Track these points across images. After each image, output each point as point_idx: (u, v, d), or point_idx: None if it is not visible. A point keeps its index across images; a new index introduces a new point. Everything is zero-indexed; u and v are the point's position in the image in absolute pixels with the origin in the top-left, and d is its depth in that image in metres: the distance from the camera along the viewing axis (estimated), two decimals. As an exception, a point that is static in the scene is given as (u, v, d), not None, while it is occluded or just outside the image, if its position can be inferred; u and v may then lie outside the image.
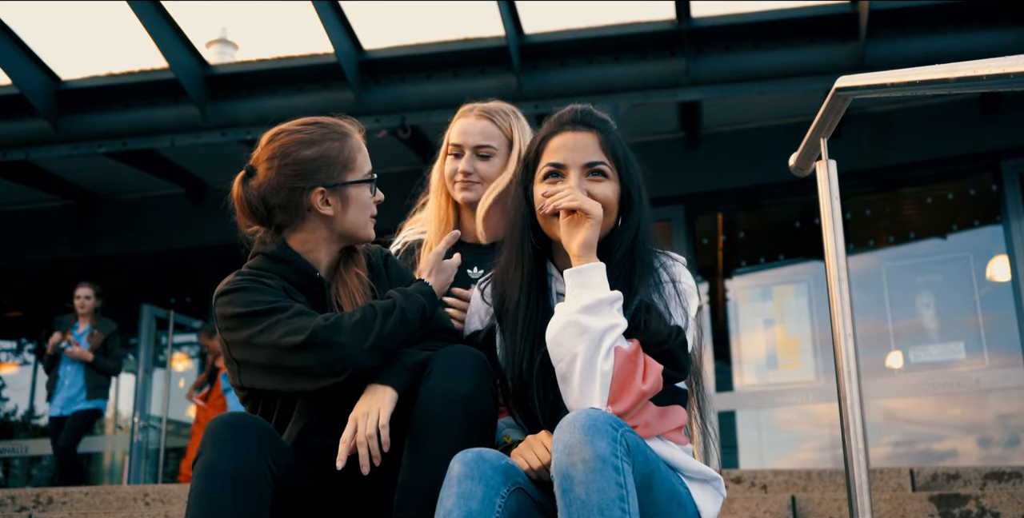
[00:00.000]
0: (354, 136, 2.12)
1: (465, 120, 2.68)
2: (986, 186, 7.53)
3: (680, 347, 1.85)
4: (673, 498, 1.75)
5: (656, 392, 1.80)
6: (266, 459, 1.72)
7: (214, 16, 9.57)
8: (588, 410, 1.63)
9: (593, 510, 1.53)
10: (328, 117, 2.15)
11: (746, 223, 8.45)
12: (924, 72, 1.85)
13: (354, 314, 1.88)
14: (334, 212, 2.05)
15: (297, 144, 2.05)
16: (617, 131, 2.02)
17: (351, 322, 1.85)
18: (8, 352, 9.88)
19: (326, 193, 2.04)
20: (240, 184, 2.08)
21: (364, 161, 2.11)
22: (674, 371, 1.83)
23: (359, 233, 2.09)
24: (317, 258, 2.07)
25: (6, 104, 7.26)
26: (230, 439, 1.71)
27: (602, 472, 1.55)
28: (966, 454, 7.28)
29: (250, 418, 1.75)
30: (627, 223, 1.95)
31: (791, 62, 6.55)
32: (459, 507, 1.63)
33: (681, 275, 1.95)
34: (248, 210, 2.06)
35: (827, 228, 2.10)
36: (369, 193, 2.10)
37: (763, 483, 3.72)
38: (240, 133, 7.04)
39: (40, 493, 4.18)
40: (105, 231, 8.94)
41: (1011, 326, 7.07)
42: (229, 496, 1.67)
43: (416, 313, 1.93)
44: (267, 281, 1.98)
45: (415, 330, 1.93)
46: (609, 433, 1.58)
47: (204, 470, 1.69)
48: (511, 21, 6.40)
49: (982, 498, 3.07)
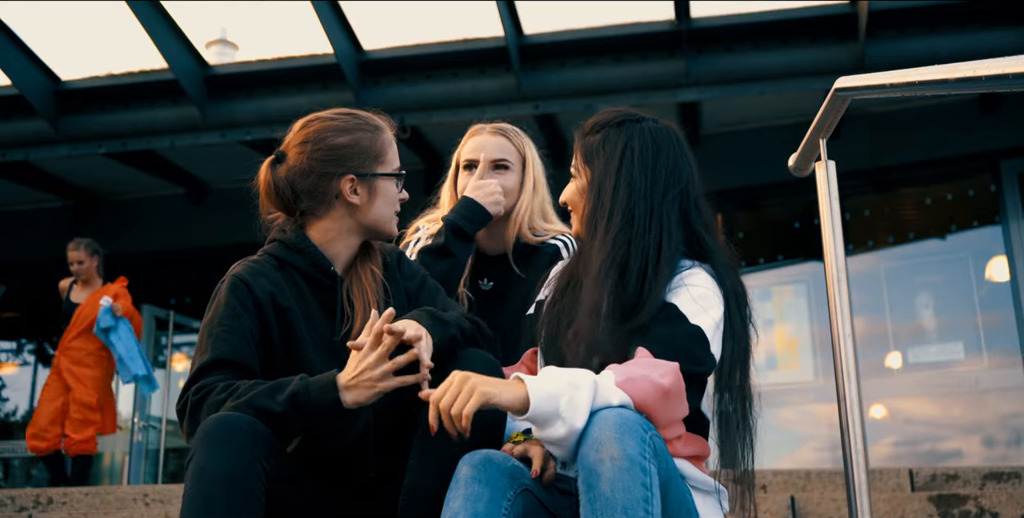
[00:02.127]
0: (386, 131, 2.13)
1: (479, 137, 2.69)
2: (985, 186, 7.53)
3: (693, 341, 1.82)
4: (683, 506, 1.75)
5: (680, 390, 1.73)
6: (259, 460, 1.70)
7: (214, 16, 9.55)
8: (619, 409, 1.61)
9: (617, 509, 1.52)
10: (363, 111, 2.15)
11: (746, 223, 8.45)
12: (924, 72, 1.85)
13: (243, 393, 1.83)
14: (361, 202, 2.05)
15: (331, 130, 2.06)
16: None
17: (212, 401, 1.82)
18: (8, 352, 9.88)
19: (356, 182, 2.04)
20: (268, 168, 2.07)
21: (394, 156, 2.12)
22: (690, 365, 1.78)
23: (383, 227, 2.10)
24: (335, 251, 2.07)
25: (6, 104, 7.26)
26: (223, 440, 1.69)
27: (629, 471, 1.54)
28: (965, 454, 7.28)
29: (242, 419, 1.73)
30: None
31: (791, 62, 6.55)
32: (465, 509, 1.62)
33: (695, 277, 1.93)
34: (274, 195, 2.06)
35: (826, 228, 2.10)
36: (396, 188, 2.11)
37: (762, 483, 3.72)
38: (240, 133, 7.04)
39: (40, 493, 4.18)
40: (105, 231, 8.93)
41: (1010, 326, 7.07)
42: (223, 497, 1.65)
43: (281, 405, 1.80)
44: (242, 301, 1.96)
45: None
46: (639, 434, 1.57)
47: (197, 472, 1.67)
48: (511, 21, 6.40)
49: (981, 498, 3.07)
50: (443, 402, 1.62)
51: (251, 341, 1.93)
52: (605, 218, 1.96)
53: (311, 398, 1.78)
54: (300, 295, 2.02)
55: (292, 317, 1.99)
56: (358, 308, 2.03)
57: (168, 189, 8.70)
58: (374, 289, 2.04)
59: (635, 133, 2.01)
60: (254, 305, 1.96)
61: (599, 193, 1.99)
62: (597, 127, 2.06)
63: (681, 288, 1.90)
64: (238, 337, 1.92)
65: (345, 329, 2.02)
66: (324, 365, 1.96)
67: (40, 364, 9.43)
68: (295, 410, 1.77)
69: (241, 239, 2.16)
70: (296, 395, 1.78)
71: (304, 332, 1.99)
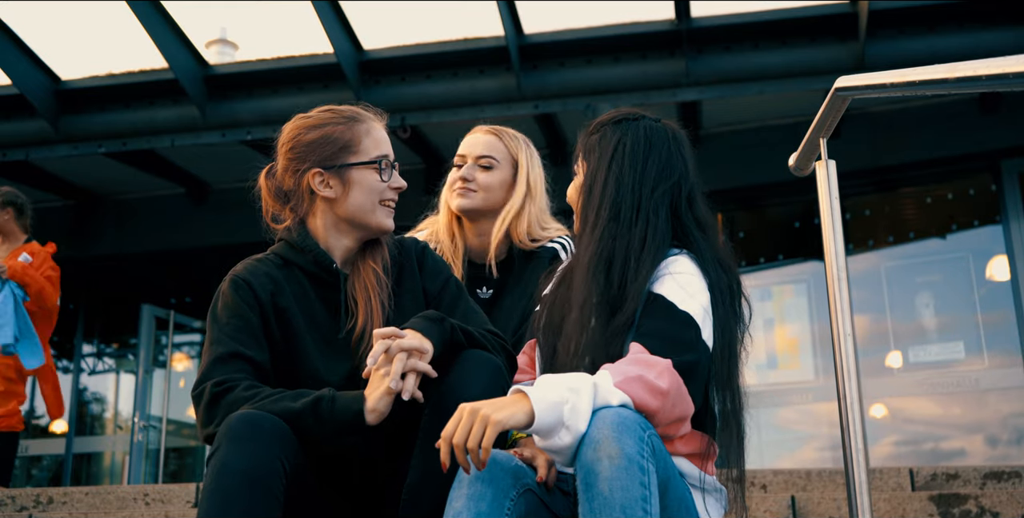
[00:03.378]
0: (365, 122, 2.10)
1: (472, 135, 2.72)
2: (985, 186, 7.53)
3: (684, 328, 1.81)
4: (682, 504, 1.75)
5: (678, 388, 1.72)
6: (280, 458, 1.71)
7: (214, 16, 9.56)
8: (617, 408, 1.61)
9: (615, 508, 1.52)
10: (349, 106, 2.14)
11: (746, 223, 8.45)
12: (924, 72, 1.85)
13: (256, 394, 1.84)
14: (336, 195, 2.05)
15: (305, 128, 2.08)
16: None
17: (235, 398, 1.83)
18: (8, 352, 9.87)
19: (324, 175, 2.04)
20: (264, 174, 2.13)
21: (372, 145, 2.08)
22: (684, 356, 1.77)
23: (366, 219, 2.06)
24: (333, 247, 2.07)
25: (6, 104, 7.25)
26: (246, 437, 1.70)
27: (628, 470, 1.53)
28: (966, 454, 7.28)
29: (265, 416, 1.74)
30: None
31: (791, 62, 6.55)
32: (468, 508, 1.62)
33: (679, 264, 1.93)
34: (271, 199, 2.11)
35: (827, 228, 2.11)
36: (377, 177, 2.07)
37: (763, 483, 3.72)
38: (240, 133, 7.04)
39: (40, 493, 4.18)
40: (105, 231, 8.94)
41: (1011, 326, 7.07)
42: (243, 494, 1.66)
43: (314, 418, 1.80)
44: (246, 299, 1.97)
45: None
46: (637, 433, 1.57)
47: (219, 467, 1.68)
48: (511, 21, 6.40)
49: (982, 498, 3.07)
50: (457, 439, 1.57)
51: (261, 339, 1.95)
52: (594, 212, 1.98)
53: (336, 405, 1.78)
54: (303, 293, 2.03)
55: (292, 315, 1.99)
56: (361, 305, 2.02)
57: (168, 189, 8.70)
58: (376, 287, 2.04)
59: (629, 130, 2.03)
60: (256, 304, 1.97)
61: (590, 188, 2.01)
62: (597, 126, 2.08)
63: (666, 276, 1.90)
64: (248, 334, 1.94)
65: (349, 326, 2.02)
66: (324, 363, 1.97)
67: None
68: (316, 417, 1.78)
69: (242, 239, 2.18)
70: (320, 400, 1.79)
71: (304, 330, 1.99)
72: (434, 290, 2.11)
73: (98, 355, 9.58)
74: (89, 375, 9.38)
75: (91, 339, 9.39)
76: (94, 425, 9.39)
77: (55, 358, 9.25)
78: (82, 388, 9.15)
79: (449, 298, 2.10)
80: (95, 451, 9.05)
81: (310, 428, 1.77)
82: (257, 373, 1.91)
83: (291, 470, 1.73)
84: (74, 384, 8.99)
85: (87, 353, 9.40)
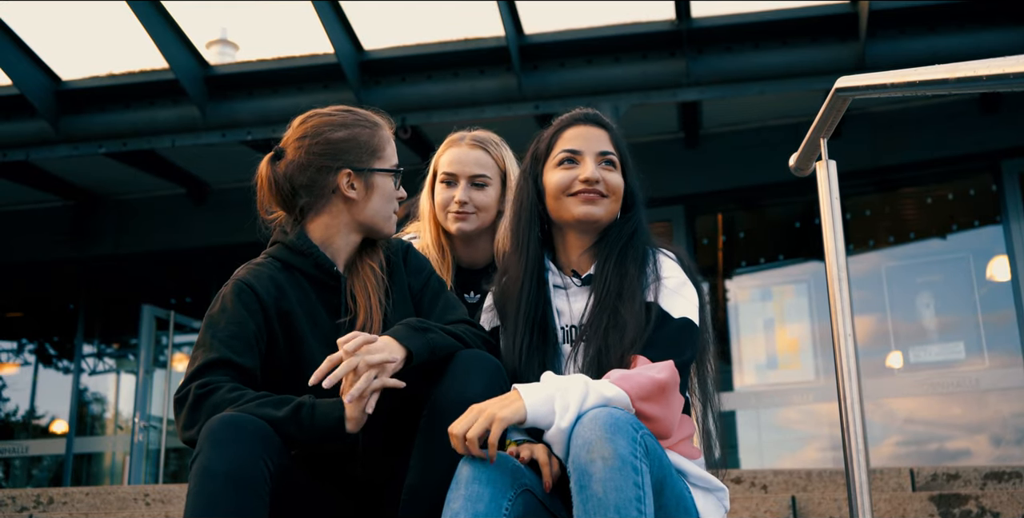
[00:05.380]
0: (384, 128, 2.14)
1: (458, 149, 2.63)
2: (986, 186, 7.53)
3: (684, 332, 1.87)
4: (680, 504, 1.75)
5: (676, 382, 1.78)
6: (263, 459, 1.70)
7: (214, 16, 9.55)
8: (610, 409, 1.62)
9: (609, 508, 1.53)
10: (361, 108, 2.16)
11: (746, 223, 8.45)
12: (924, 72, 1.85)
13: (239, 397, 1.83)
14: (358, 197, 2.06)
15: (329, 125, 2.08)
16: (622, 136, 2.14)
17: (218, 400, 1.83)
18: (8, 352, 9.88)
19: (352, 176, 2.05)
20: (268, 164, 2.09)
21: (392, 153, 2.13)
22: (683, 357, 1.84)
23: (380, 224, 2.09)
24: (336, 248, 2.07)
25: (6, 104, 7.26)
26: (228, 439, 1.69)
27: (621, 471, 1.54)
28: (966, 454, 7.27)
29: (246, 418, 1.74)
30: (627, 220, 2.05)
31: (791, 62, 6.55)
32: (466, 509, 1.63)
33: (670, 270, 1.98)
34: (274, 190, 2.07)
35: (827, 228, 2.11)
36: (393, 186, 2.11)
37: (763, 483, 3.72)
38: (240, 133, 7.04)
39: (41, 493, 4.18)
40: (105, 231, 8.94)
41: (1011, 326, 7.07)
42: (228, 496, 1.65)
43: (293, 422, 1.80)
44: (248, 305, 1.97)
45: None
46: (629, 433, 1.58)
47: (201, 471, 1.67)
48: (511, 21, 6.40)
49: (982, 498, 3.07)
50: (470, 434, 1.65)
51: (255, 346, 1.94)
52: (630, 233, 2.08)
53: (316, 413, 1.78)
54: (304, 296, 2.03)
55: (295, 318, 2.00)
56: (361, 305, 2.03)
57: (168, 189, 8.70)
58: (375, 286, 2.05)
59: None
60: (260, 309, 1.97)
61: (636, 205, 2.13)
62: (613, 126, 2.16)
63: (658, 284, 1.94)
64: (242, 342, 1.93)
65: (347, 320, 2.03)
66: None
67: (41, 364, 9.43)
68: (297, 424, 1.78)
69: (242, 239, 2.16)
70: (301, 407, 1.79)
71: (308, 333, 2.00)
72: (417, 286, 2.14)
73: (98, 355, 9.57)
74: (89, 375, 9.37)
75: (91, 339, 9.39)
76: (94, 425, 9.38)
77: (55, 358, 9.28)
78: (82, 388, 9.15)
79: (431, 293, 2.14)
80: (95, 451, 9.04)
81: (292, 435, 1.78)
82: (244, 380, 1.90)
83: (276, 471, 1.73)
84: (74, 384, 8.98)
85: (87, 353, 9.40)
